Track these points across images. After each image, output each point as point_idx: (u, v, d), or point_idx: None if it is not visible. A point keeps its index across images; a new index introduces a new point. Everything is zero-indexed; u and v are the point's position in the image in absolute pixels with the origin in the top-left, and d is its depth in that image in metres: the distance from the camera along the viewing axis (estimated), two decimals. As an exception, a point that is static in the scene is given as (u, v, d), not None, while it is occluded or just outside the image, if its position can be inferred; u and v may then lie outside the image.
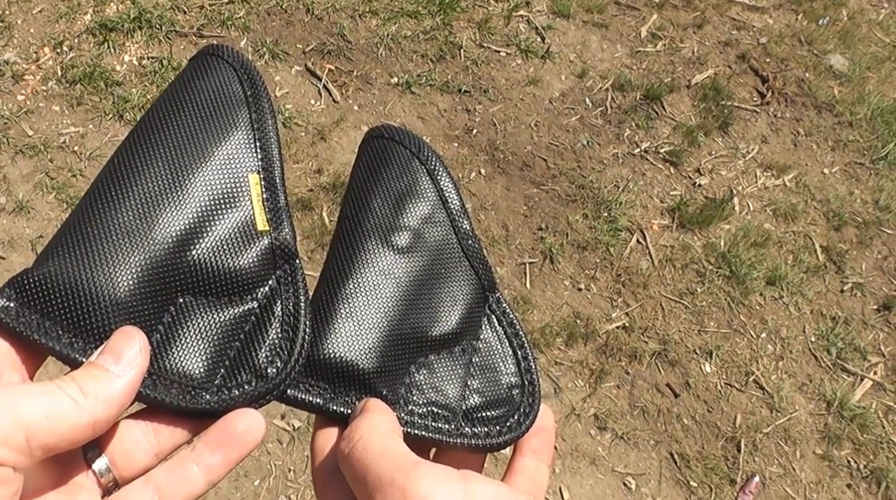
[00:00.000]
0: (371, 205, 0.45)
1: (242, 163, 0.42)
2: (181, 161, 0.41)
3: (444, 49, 2.80)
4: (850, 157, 2.83)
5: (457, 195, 0.47)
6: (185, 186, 0.40)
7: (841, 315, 2.39)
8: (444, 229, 0.46)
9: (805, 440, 2.13)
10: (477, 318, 0.46)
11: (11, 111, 2.36)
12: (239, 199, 0.42)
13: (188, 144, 0.42)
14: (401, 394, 0.42)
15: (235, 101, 0.44)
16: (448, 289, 0.45)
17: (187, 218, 0.40)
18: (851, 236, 2.60)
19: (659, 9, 3.17)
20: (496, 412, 0.44)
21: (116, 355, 0.35)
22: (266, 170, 0.43)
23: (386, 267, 0.43)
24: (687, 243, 2.47)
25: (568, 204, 2.50)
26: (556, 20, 3.02)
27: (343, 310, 0.42)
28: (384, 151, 0.47)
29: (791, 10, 3.31)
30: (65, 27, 2.58)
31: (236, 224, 0.41)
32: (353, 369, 0.41)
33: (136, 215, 0.39)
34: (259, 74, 0.45)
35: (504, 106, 2.72)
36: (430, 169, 0.46)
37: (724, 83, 2.94)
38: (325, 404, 0.41)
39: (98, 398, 0.34)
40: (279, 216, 0.42)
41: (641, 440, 2.08)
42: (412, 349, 0.43)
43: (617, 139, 2.71)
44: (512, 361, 0.46)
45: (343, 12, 2.82)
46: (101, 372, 0.35)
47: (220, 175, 0.41)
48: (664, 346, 2.24)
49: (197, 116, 0.42)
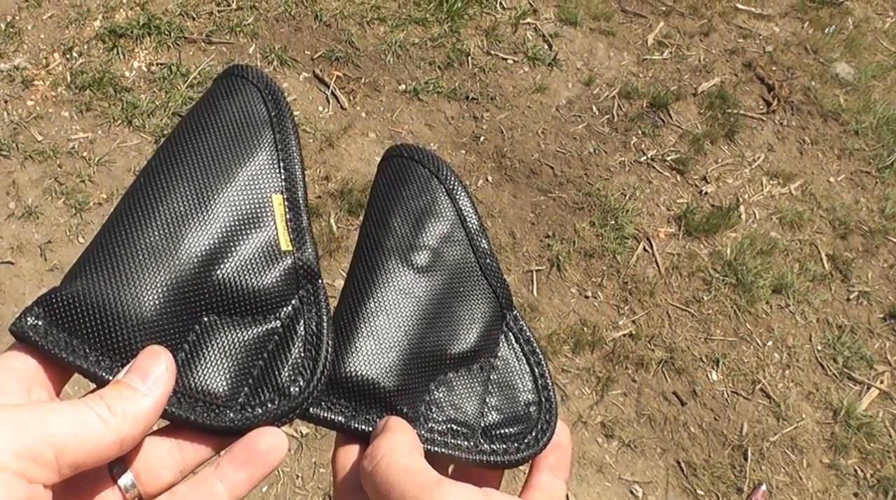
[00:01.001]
0: (391, 224, 0.46)
1: (266, 183, 0.43)
2: (206, 181, 0.41)
3: (451, 56, 2.81)
4: (856, 165, 2.84)
5: (475, 215, 0.47)
6: (210, 207, 0.41)
7: (847, 324, 2.39)
8: (463, 248, 0.47)
9: (812, 448, 2.13)
10: (495, 336, 0.47)
11: (21, 116, 2.37)
12: (263, 219, 0.42)
13: (213, 164, 0.42)
14: (421, 412, 0.43)
15: (260, 122, 0.44)
16: (467, 307, 0.46)
17: (212, 238, 0.40)
18: (857, 245, 2.60)
19: (665, 17, 3.18)
20: (514, 429, 0.45)
21: (143, 373, 0.36)
22: (289, 190, 0.43)
23: (406, 286, 0.44)
24: (693, 251, 2.48)
25: (575, 212, 2.51)
26: (563, 28, 3.03)
27: (364, 329, 0.42)
28: (403, 170, 0.48)
29: (797, 18, 3.32)
30: (74, 33, 2.59)
31: (260, 244, 0.42)
32: (374, 388, 0.41)
33: (163, 235, 0.39)
34: (283, 95, 0.46)
35: (511, 113, 2.72)
36: (449, 188, 0.47)
37: (731, 91, 2.95)
38: (346, 423, 0.41)
39: (125, 416, 0.34)
40: (302, 236, 0.43)
41: (648, 447, 2.08)
42: (432, 367, 0.44)
43: (623, 147, 2.72)
44: (529, 378, 0.47)
45: (351, 19, 2.83)
46: (128, 391, 0.35)
47: (244, 195, 0.42)
48: (671, 354, 2.24)
49: (222, 137, 0.43)
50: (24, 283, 2.08)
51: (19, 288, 2.06)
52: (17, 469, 0.31)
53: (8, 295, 2.05)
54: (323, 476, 1.89)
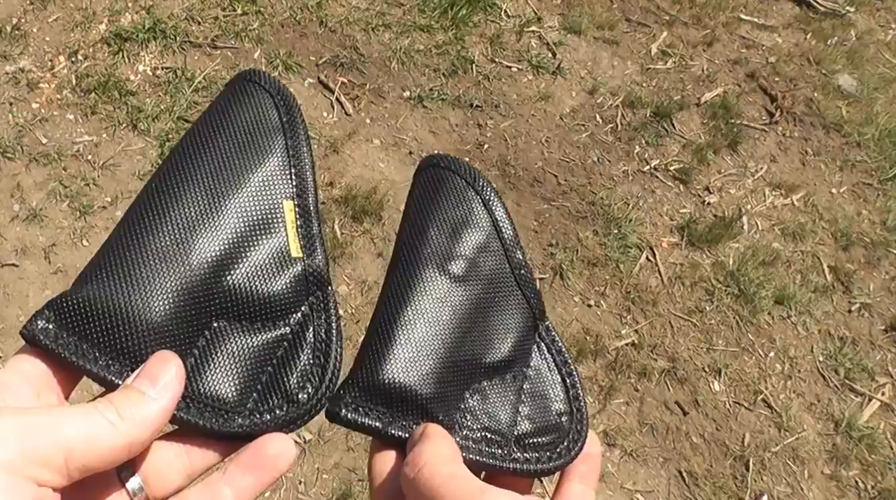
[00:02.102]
0: (428, 233, 0.46)
1: (277, 189, 0.43)
2: (218, 187, 0.42)
3: (456, 64, 2.81)
4: (858, 177, 2.85)
5: (510, 225, 0.48)
6: (221, 212, 0.41)
7: (849, 335, 2.40)
8: (499, 259, 0.47)
9: (813, 459, 2.13)
10: (528, 346, 0.47)
11: (26, 119, 2.37)
12: (274, 225, 0.42)
13: (224, 169, 0.42)
14: (455, 419, 0.43)
15: (271, 127, 0.44)
16: (501, 317, 0.46)
17: (223, 244, 0.40)
18: (859, 257, 2.61)
19: (669, 26, 3.19)
20: (546, 439, 0.45)
21: (153, 378, 0.36)
22: (300, 197, 0.44)
23: (443, 295, 0.44)
24: (696, 261, 2.48)
25: (578, 220, 2.52)
26: (567, 36, 3.04)
27: (402, 336, 0.43)
28: (440, 180, 0.48)
29: (800, 29, 3.33)
30: (80, 36, 2.59)
31: (271, 250, 0.42)
32: (411, 395, 0.42)
33: (174, 240, 0.40)
34: (295, 101, 0.46)
35: (515, 121, 2.73)
36: (485, 199, 0.48)
37: (734, 102, 2.96)
38: (383, 428, 0.41)
39: (134, 421, 0.35)
40: (312, 243, 0.43)
41: (650, 457, 2.09)
42: (467, 376, 0.44)
43: (627, 156, 2.73)
44: (561, 388, 0.47)
45: (356, 25, 2.84)
46: (138, 395, 0.36)
47: (255, 201, 0.42)
48: (673, 363, 2.25)
49: (233, 142, 0.43)
50: (27, 285, 2.07)
51: (23, 291, 2.06)
52: (27, 472, 0.31)
53: (12, 298, 2.05)
54: (325, 482, 1.89)
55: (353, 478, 1.90)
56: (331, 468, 1.91)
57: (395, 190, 2.43)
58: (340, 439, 1.95)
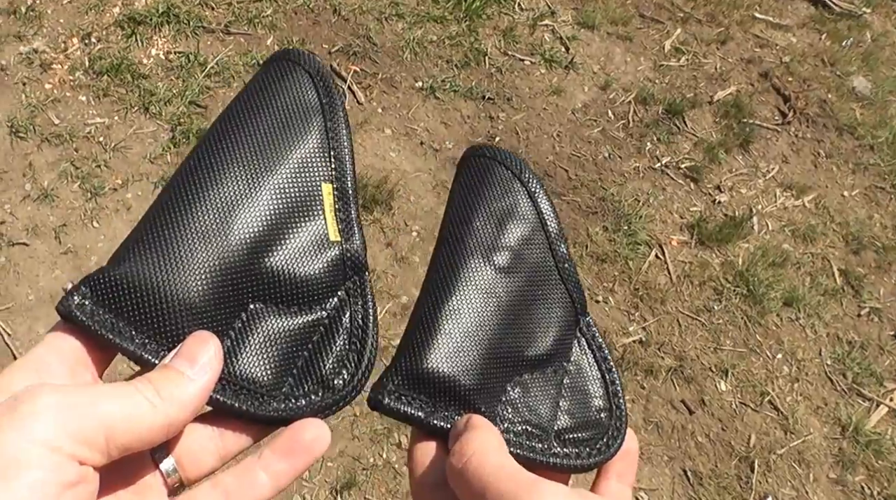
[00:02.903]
0: (473, 223, 0.46)
1: (316, 172, 0.42)
2: (257, 167, 0.41)
3: (468, 55, 2.80)
4: (871, 180, 2.83)
5: (555, 218, 0.47)
6: (260, 193, 0.40)
7: (857, 340, 2.39)
8: (543, 251, 0.47)
9: (819, 463, 2.13)
10: (569, 340, 0.47)
11: (39, 100, 2.36)
12: (312, 208, 0.42)
13: (264, 149, 0.42)
14: (497, 412, 0.43)
15: (311, 108, 0.44)
16: (544, 310, 0.46)
17: (262, 225, 0.40)
18: (870, 261, 2.59)
19: (683, 23, 3.17)
20: (586, 434, 0.45)
21: (191, 358, 0.36)
22: (339, 180, 0.43)
23: (487, 286, 0.44)
24: (705, 260, 2.47)
25: (588, 216, 2.51)
26: (580, 31, 3.02)
27: (447, 325, 0.42)
28: (486, 171, 0.48)
29: (815, 29, 3.31)
30: (94, 19, 2.58)
31: (309, 234, 0.41)
32: (454, 385, 0.41)
33: (212, 220, 0.39)
34: (334, 82, 0.45)
35: (527, 114, 2.72)
36: (531, 191, 0.47)
37: (747, 101, 2.94)
38: (426, 418, 0.41)
39: (173, 401, 0.35)
40: (350, 227, 0.43)
41: (655, 455, 2.08)
42: (509, 368, 0.44)
43: (638, 153, 2.71)
44: (601, 384, 0.47)
45: (370, 14, 2.82)
46: (177, 375, 0.35)
47: (294, 183, 0.41)
48: (680, 362, 2.24)
49: (272, 122, 0.43)
50: (37, 264, 2.07)
51: (33, 270, 2.06)
52: (70, 451, 0.31)
53: (22, 276, 2.04)
54: (330, 470, 1.88)
55: (357, 466, 1.90)
56: (335, 457, 1.91)
57: (405, 180, 2.43)
58: (345, 427, 1.95)
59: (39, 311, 2.00)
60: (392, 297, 2.18)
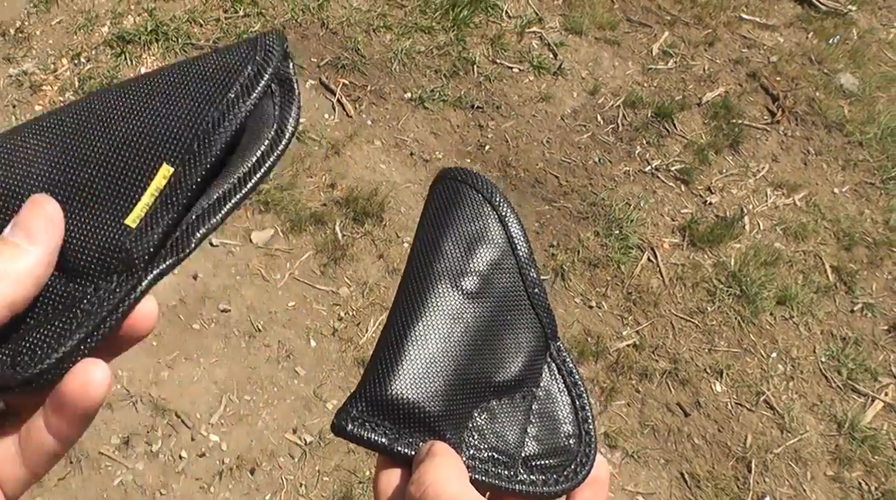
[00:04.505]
0: (442, 247, 0.46)
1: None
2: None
3: (457, 65, 2.82)
4: (861, 176, 2.84)
5: (525, 243, 0.47)
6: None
7: (851, 336, 2.39)
8: (513, 276, 0.47)
9: (816, 461, 2.13)
10: (539, 366, 0.47)
11: (28, 122, 2.37)
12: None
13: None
14: (463, 438, 0.43)
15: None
16: (513, 336, 0.46)
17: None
18: (862, 257, 2.60)
19: (670, 26, 3.19)
20: (553, 461, 0.44)
21: (27, 228, 0.35)
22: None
23: (455, 311, 0.44)
24: (697, 262, 2.48)
25: (579, 221, 2.51)
26: (568, 37, 3.03)
27: (412, 351, 0.42)
28: (456, 194, 0.48)
29: (801, 28, 3.32)
30: (83, 39, 2.60)
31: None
32: (419, 412, 0.41)
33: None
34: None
35: (516, 122, 2.73)
36: (502, 215, 0.47)
37: (735, 101, 2.96)
38: (389, 445, 0.41)
39: (9, 277, 0.33)
40: (165, 225, 0.39)
41: (652, 458, 2.08)
42: (476, 394, 0.44)
43: (628, 157, 2.72)
44: (570, 410, 0.47)
45: (357, 27, 2.84)
46: (11, 248, 0.34)
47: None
48: (675, 364, 2.24)
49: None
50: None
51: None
52: None
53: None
54: (326, 485, 1.89)
55: (353, 480, 1.90)
56: (331, 471, 1.91)
57: (396, 191, 2.44)
58: (341, 441, 1.95)
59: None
60: (385, 309, 2.19)
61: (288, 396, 2.01)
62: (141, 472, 1.85)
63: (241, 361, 2.04)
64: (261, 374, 2.03)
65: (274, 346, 2.08)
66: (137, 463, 1.86)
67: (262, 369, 2.04)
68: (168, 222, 0.37)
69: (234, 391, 1.99)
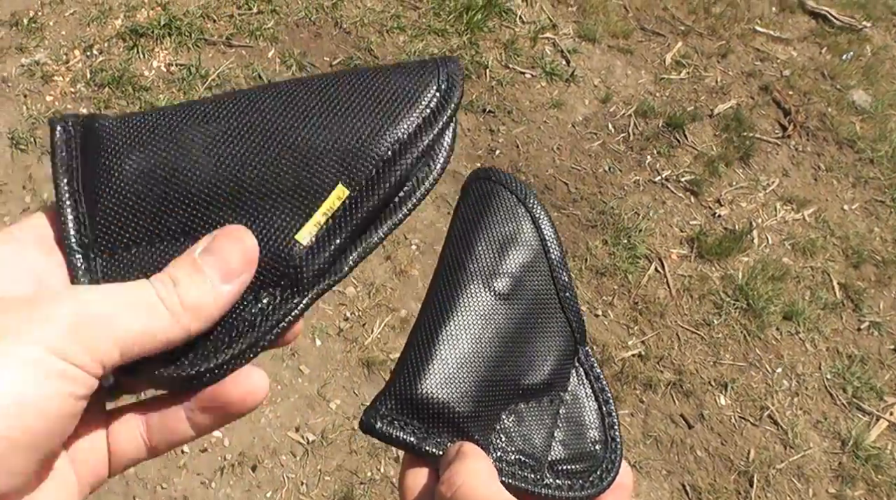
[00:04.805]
0: (475, 248, 0.46)
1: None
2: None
3: (469, 68, 2.81)
4: (871, 194, 2.83)
5: (558, 246, 0.47)
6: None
7: (857, 354, 2.38)
8: (544, 279, 0.46)
9: (818, 478, 2.12)
10: (567, 370, 0.47)
11: (39, 111, 2.37)
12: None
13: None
14: (490, 440, 0.43)
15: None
16: (543, 339, 0.45)
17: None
18: (870, 274, 2.59)
19: (684, 36, 3.18)
20: (579, 466, 0.44)
21: (224, 263, 0.33)
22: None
23: (487, 312, 0.44)
24: (705, 274, 2.47)
25: (588, 229, 2.51)
26: (581, 44, 3.03)
27: (443, 352, 0.42)
28: (490, 195, 0.48)
29: (815, 43, 3.32)
30: (96, 31, 2.60)
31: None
32: (448, 412, 0.41)
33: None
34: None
35: (527, 128, 2.73)
36: (535, 217, 0.47)
37: (747, 114, 2.95)
38: (418, 444, 0.41)
39: (196, 313, 0.32)
40: (335, 246, 0.41)
41: (654, 469, 2.07)
42: (505, 396, 0.44)
43: (638, 166, 2.72)
44: (597, 416, 0.47)
45: (371, 27, 2.84)
46: (202, 280, 0.33)
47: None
48: (679, 376, 2.23)
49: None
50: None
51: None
52: (79, 361, 0.29)
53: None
54: (327, 484, 1.88)
55: (354, 481, 1.89)
56: (333, 470, 1.90)
57: (405, 193, 2.43)
58: (343, 441, 1.94)
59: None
60: (391, 310, 2.18)
61: (292, 394, 2.00)
62: (143, 465, 1.84)
63: (244, 358, 2.04)
64: (265, 371, 2.02)
65: (278, 344, 2.07)
66: (138, 457, 1.86)
67: (267, 366, 2.03)
68: (338, 245, 0.38)
69: (237, 389, 1.98)
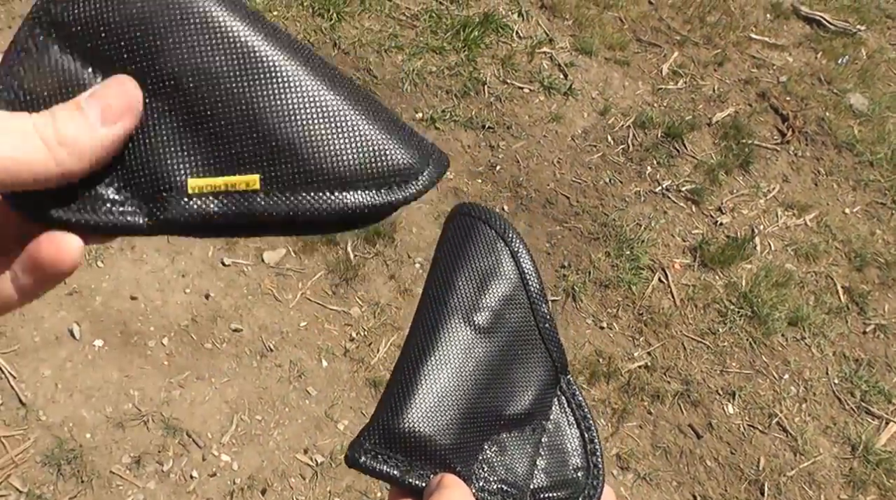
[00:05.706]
0: (456, 283, 0.47)
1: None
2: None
3: (468, 85, 2.83)
4: (872, 197, 2.84)
5: (537, 279, 0.49)
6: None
7: (864, 357, 2.38)
8: (524, 312, 0.48)
9: (830, 484, 2.11)
10: (549, 399, 0.48)
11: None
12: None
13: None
14: (473, 470, 0.44)
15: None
16: (524, 370, 0.47)
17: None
18: (874, 277, 2.59)
19: (680, 46, 3.20)
20: (562, 493, 0.46)
21: (106, 104, 0.32)
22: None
23: (467, 346, 0.45)
24: (708, 283, 2.48)
25: (590, 242, 2.52)
26: (578, 57, 3.05)
27: (425, 385, 0.44)
28: (470, 230, 0.49)
29: (811, 48, 3.34)
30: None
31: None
32: (430, 444, 0.43)
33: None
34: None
35: (527, 142, 2.74)
36: (514, 251, 0.48)
37: (745, 121, 2.96)
38: (401, 477, 0.42)
39: (73, 149, 0.31)
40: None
41: (664, 480, 2.07)
42: (487, 427, 0.45)
43: (639, 177, 2.73)
44: (579, 443, 0.48)
45: (369, 47, 2.86)
46: (84, 119, 0.31)
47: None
48: (686, 386, 2.24)
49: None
50: (43, 306, 2.09)
51: (38, 312, 2.08)
52: None
53: (27, 318, 2.06)
54: (338, 506, 1.89)
55: (365, 501, 1.90)
56: (342, 492, 1.91)
57: (407, 212, 2.45)
58: (353, 462, 1.95)
59: (45, 352, 2.02)
60: (396, 329, 2.19)
61: (299, 416, 2.01)
62: (152, 492, 1.85)
63: (252, 380, 2.05)
64: (272, 394, 2.03)
65: (286, 366, 2.08)
66: (149, 483, 1.86)
67: (274, 388, 2.04)
68: (215, 212, 0.36)
69: (246, 411, 1.99)
